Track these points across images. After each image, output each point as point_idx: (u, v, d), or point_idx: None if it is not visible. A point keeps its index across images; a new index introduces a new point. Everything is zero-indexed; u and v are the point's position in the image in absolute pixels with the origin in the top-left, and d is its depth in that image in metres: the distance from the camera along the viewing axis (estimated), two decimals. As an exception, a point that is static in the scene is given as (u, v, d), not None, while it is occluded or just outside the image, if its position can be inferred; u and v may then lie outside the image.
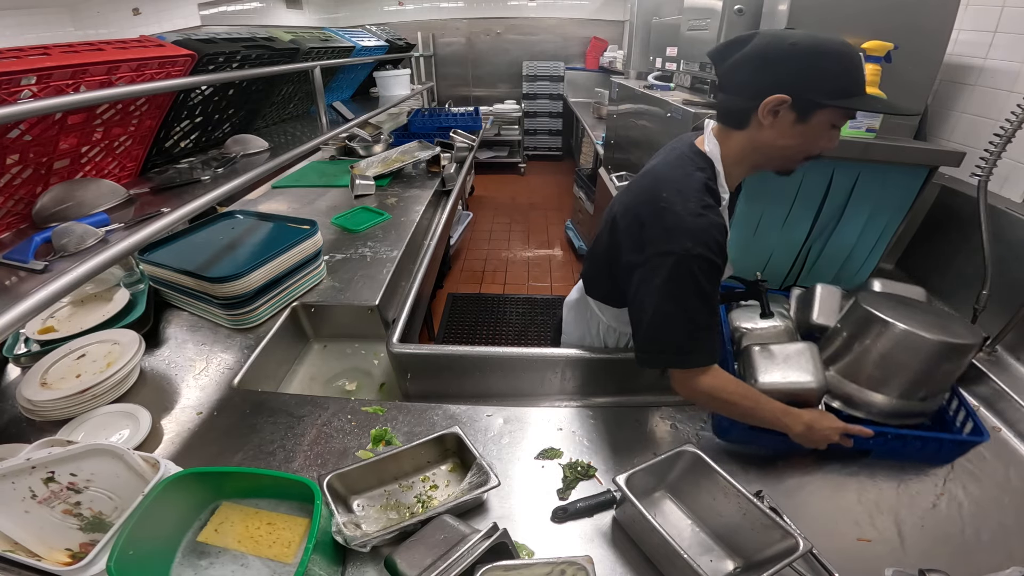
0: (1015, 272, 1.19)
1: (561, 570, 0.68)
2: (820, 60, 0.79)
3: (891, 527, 0.85)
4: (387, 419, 1.05)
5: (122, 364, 1.07)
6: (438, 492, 0.90)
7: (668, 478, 0.88)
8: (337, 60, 2.57)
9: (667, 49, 1.99)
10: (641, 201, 0.92)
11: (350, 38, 2.90)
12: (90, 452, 0.77)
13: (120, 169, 1.46)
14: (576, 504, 0.86)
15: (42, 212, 1.19)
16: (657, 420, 1.07)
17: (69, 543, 0.77)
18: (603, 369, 1.21)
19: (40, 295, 0.68)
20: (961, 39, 1.41)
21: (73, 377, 1.07)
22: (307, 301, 1.46)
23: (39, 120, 1.09)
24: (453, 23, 5.33)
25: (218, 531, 0.78)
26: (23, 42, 1.00)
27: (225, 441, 1.01)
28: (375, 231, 1.91)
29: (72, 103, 0.85)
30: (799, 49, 0.80)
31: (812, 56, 0.79)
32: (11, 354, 1.18)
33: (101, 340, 1.16)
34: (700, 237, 0.82)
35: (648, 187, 0.92)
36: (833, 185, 1.34)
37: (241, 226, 1.56)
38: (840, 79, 0.80)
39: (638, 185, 0.97)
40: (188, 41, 1.41)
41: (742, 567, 0.77)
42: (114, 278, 1.37)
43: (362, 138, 2.88)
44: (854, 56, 0.81)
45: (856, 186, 1.34)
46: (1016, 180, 1.31)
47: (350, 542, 0.73)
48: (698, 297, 0.83)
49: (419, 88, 4.53)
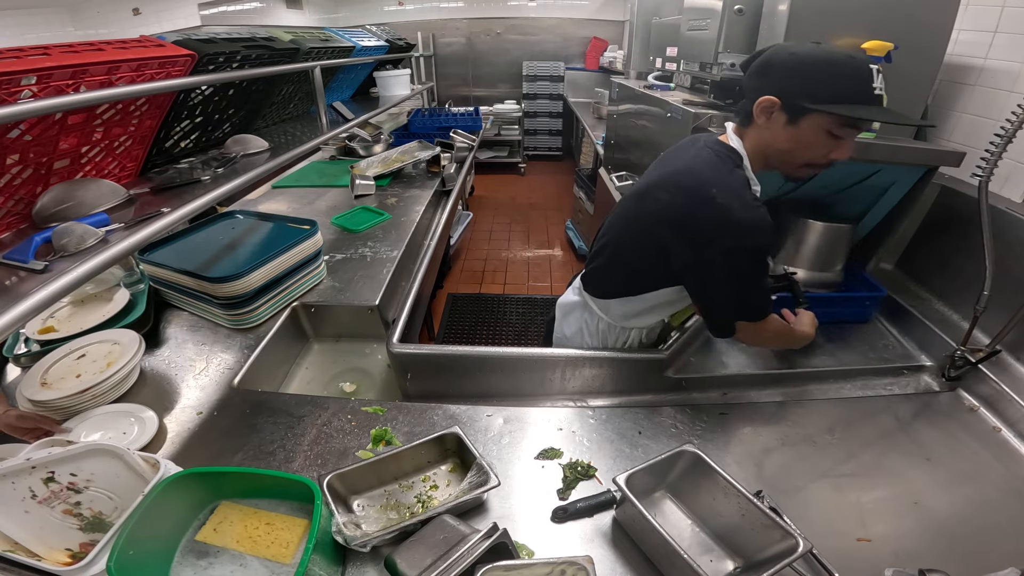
0: (1015, 272, 1.19)
1: (561, 570, 0.68)
2: (811, 67, 0.84)
3: (891, 527, 0.85)
4: (387, 419, 1.05)
5: (122, 364, 1.07)
6: (438, 492, 0.90)
7: (668, 478, 0.88)
8: (337, 60, 2.57)
9: (667, 49, 1.99)
10: (693, 202, 0.93)
11: (350, 38, 2.90)
12: (90, 452, 0.77)
13: (120, 169, 1.46)
14: (576, 504, 0.86)
15: (42, 212, 1.20)
16: (657, 420, 1.07)
17: (69, 543, 0.77)
18: (603, 369, 1.21)
19: (40, 295, 0.68)
20: (961, 39, 1.41)
21: (73, 377, 1.07)
22: (307, 301, 1.46)
23: (39, 120, 1.09)
24: (453, 23, 5.33)
25: (217, 531, 0.78)
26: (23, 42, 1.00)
27: (225, 441, 1.01)
28: (375, 231, 1.91)
29: (72, 103, 0.85)
30: (796, 57, 0.86)
31: (805, 63, 0.85)
32: (11, 354, 1.18)
33: (101, 340, 1.16)
34: (762, 227, 0.89)
35: (695, 188, 0.93)
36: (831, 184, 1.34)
37: (241, 226, 1.56)
38: (830, 86, 0.83)
39: (677, 185, 0.96)
40: (188, 41, 1.41)
41: (742, 567, 0.77)
42: (114, 278, 1.37)
43: (362, 138, 2.88)
44: (850, 65, 0.83)
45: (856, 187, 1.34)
46: (1016, 180, 1.31)
47: (350, 542, 0.73)
48: (765, 274, 0.99)
49: (419, 88, 4.53)
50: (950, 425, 1.09)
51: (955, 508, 0.88)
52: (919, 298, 1.47)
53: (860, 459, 0.98)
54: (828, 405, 1.13)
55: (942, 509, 0.88)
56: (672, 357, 1.22)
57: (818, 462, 0.98)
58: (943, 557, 0.79)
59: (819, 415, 1.09)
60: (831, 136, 0.88)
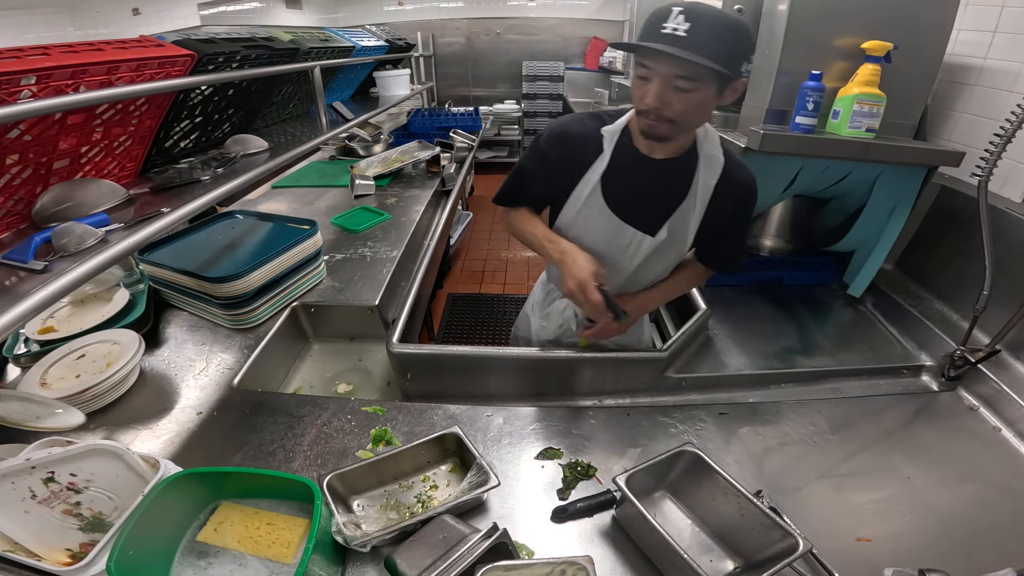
0: (1015, 272, 1.19)
1: (561, 570, 0.68)
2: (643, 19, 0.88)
3: (891, 527, 0.85)
4: (387, 419, 1.05)
5: (122, 364, 1.07)
6: (438, 492, 0.90)
7: (668, 478, 0.88)
8: (337, 60, 2.57)
9: (667, 49, 1.99)
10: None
11: (350, 38, 2.90)
12: (90, 452, 0.77)
13: (120, 169, 1.46)
14: (576, 504, 0.86)
15: (42, 212, 1.19)
16: (657, 420, 1.07)
17: (69, 543, 0.77)
18: (603, 369, 1.21)
19: (40, 295, 0.68)
20: (961, 39, 1.41)
21: (73, 377, 1.07)
22: (307, 301, 1.46)
23: (39, 120, 1.09)
24: (453, 23, 5.32)
25: (217, 531, 0.78)
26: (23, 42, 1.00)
27: (225, 441, 1.01)
28: (375, 231, 1.91)
29: (72, 103, 0.85)
30: None
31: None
32: (11, 354, 1.18)
33: (101, 340, 1.16)
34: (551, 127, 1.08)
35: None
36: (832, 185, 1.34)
37: (241, 226, 1.56)
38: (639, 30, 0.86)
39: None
40: (188, 41, 1.41)
41: (742, 567, 0.77)
42: (114, 278, 1.37)
43: (362, 138, 2.88)
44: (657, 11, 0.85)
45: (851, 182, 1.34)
46: (1016, 180, 1.31)
47: (350, 542, 0.73)
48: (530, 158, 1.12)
49: (419, 88, 4.53)
50: (950, 425, 1.09)
51: (955, 508, 0.88)
52: (919, 298, 1.48)
53: (860, 459, 0.98)
54: (828, 405, 1.13)
55: (942, 509, 0.88)
56: (672, 357, 1.22)
57: (818, 462, 0.98)
58: (943, 557, 0.79)
59: (819, 415, 1.09)
60: (640, 78, 0.89)
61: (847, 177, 1.37)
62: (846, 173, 1.35)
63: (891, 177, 1.34)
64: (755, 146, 1.21)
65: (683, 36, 0.81)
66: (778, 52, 1.24)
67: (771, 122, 1.31)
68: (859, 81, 1.19)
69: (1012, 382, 1.11)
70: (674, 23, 0.82)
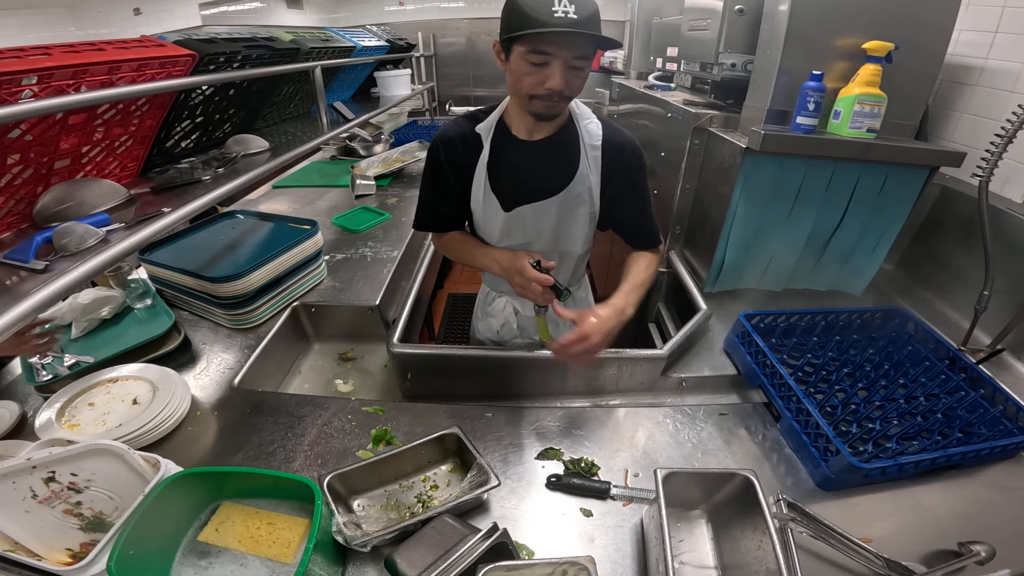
0: (1016, 272, 1.19)
1: (563, 570, 0.68)
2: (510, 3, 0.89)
3: (891, 527, 0.85)
4: (387, 419, 1.05)
5: (156, 413, 0.99)
6: (438, 492, 0.90)
7: (713, 497, 0.84)
8: (337, 60, 2.56)
9: (668, 49, 1.99)
10: None
11: (350, 38, 2.90)
12: (91, 452, 0.77)
13: (121, 169, 1.46)
14: (572, 479, 0.89)
15: (43, 212, 1.19)
16: (657, 420, 1.07)
17: (69, 543, 0.77)
18: (603, 369, 1.21)
19: (40, 295, 0.68)
20: (962, 39, 1.41)
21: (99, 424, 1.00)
22: (307, 301, 1.46)
23: (40, 120, 1.09)
24: (453, 23, 5.32)
25: (219, 531, 0.78)
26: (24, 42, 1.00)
27: (225, 441, 1.01)
28: (375, 231, 1.91)
29: (73, 103, 0.85)
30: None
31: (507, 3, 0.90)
32: (35, 383, 1.12)
33: (136, 376, 1.11)
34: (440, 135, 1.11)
35: None
36: (832, 185, 1.34)
37: (241, 226, 1.57)
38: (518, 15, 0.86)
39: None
40: (189, 41, 1.41)
41: None
42: (120, 295, 1.37)
43: (363, 138, 2.88)
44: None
45: (857, 187, 1.34)
46: (1017, 180, 1.31)
47: (350, 542, 0.73)
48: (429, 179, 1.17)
49: (419, 88, 4.53)
50: (950, 425, 1.08)
51: (955, 508, 0.88)
52: (919, 298, 1.47)
53: (860, 459, 0.98)
54: (828, 405, 1.13)
55: (941, 509, 0.88)
56: (672, 357, 1.22)
57: (818, 462, 0.97)
58: (943, 557, 0.79)
59: (819, 415, 1.09)
60: (534, 65, 0.90)
61: (852, 196, 1.36)
62: (853, 182, 1.34)
63: (894, 179, 1.33)
64: (756, 146, 1.21)
65: (577, 18, 0.84)
66: (779, 52, 1.24)
67: (772, 122, 1.31)
68: (860, 81, 1.19)
69: (1013, 382, 1.10)
70: (563, 7, 0.84)
